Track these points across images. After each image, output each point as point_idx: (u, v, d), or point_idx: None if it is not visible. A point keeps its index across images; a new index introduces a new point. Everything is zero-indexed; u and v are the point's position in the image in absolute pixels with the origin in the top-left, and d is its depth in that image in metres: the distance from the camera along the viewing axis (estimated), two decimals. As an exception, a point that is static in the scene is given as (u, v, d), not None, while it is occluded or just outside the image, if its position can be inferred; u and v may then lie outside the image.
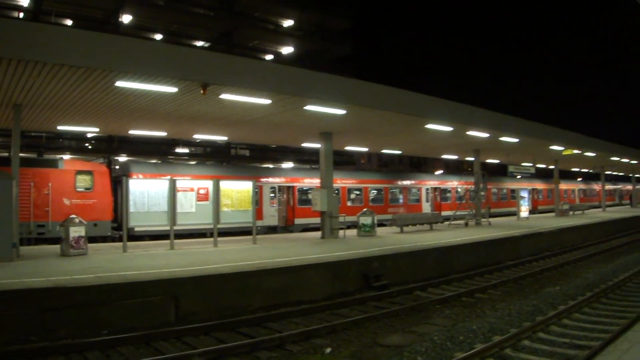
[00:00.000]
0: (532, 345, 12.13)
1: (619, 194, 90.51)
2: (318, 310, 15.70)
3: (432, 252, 22.54)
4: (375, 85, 22.68)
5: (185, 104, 19.51)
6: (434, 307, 16.52)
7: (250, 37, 52.70)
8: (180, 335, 12.87)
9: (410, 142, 34.63)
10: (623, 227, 44.46)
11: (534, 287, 19.93)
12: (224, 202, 23.01)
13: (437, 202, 49.07)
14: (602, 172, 64.35)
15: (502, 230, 31.67)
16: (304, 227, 35.83)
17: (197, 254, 20.03)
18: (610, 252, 30.15)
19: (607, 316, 14.88)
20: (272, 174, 36.68)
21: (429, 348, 11.65)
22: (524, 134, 32.86)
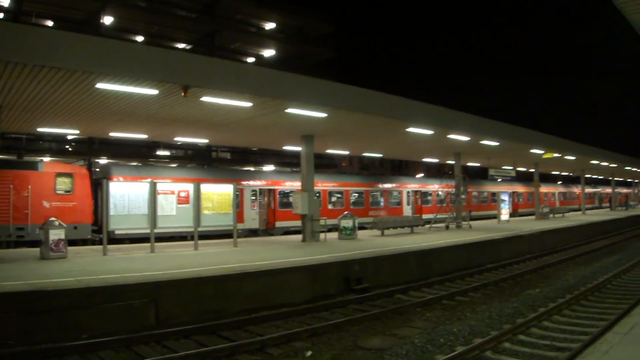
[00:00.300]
0: (512, 348, 12.22)
1: (599, 197, 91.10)
2: (299, 314, 15.69)
3: (413, 255, 22.59)
4: (357, 88, 22.70)
5: (166, 107, 19.46)
6: (415, 310, 16.55)
7: (232, 39, 52.58)
8: (161, 339, 12.81)
9: (391, 145, 34.70)
10: (602, 230, 44.82)
11: (515, 290, 20.02)
12: (205, 205, 22.96)
13: (418, 205, 49.18)
14: (582, 176, 64.77)
15: (482, 233, 31.78)
16: (285, 230, 35.78)
17: (177, 257, 19.95)
18: (590, 255, 30.37)
19: (586, 318, 15.02)
20: (253, 177, 36.58)
21: (410, 351, 11.72)
22: (504, 137, 33.04)
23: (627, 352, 8.68)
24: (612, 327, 11.51)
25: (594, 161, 52.88)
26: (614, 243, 36.42)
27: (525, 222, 45.42)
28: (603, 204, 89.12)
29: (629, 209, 75.83)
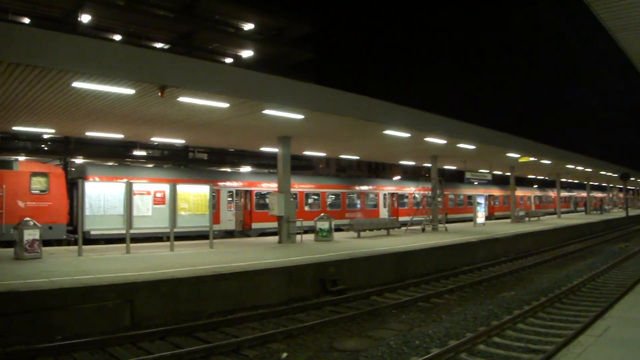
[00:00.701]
0: (487, 350, 12.25)
1: (574, 201, 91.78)
2: (274, 315, 15.65)
3: (389, 257, 22.61)
4: (334, 90, 22.74)
5: (143, 106, 19.39)
6: (391, 312, 16.55)
7: (211, 39, 52.55)
8: (136, 341, 12.73)
9: (368, 147, 34.80)
10: (577, 234, 45.14)
11: (490, 292, 20.09)
12: (181, 205, 22.88)
13: (395, 208, 49.29)
14: (558, 180, 65.25)
15: (458, 235, 31.90)
16: (261, 232, 35.73)
17: (153, 258, 19.86)
18: (564, 258, 30.56)
19: (561, 321, 15.09)
20: (230, 178, 36.47)
21: (385, 353, 11.70)
22: (481, 141, 33.23)
23: (600, 354, 8.75)
24: (585, 329, 11.59)
25: (569, 165, 53.41)
26: (588, 246, 36.66)
27: (501, 225, 45.69)
28: (578, 207, 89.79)
29: (604, 213, 76.43)
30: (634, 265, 26.05)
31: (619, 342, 9.44)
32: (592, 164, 58.90)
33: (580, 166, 55.56)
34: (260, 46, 56.37)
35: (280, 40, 57.57)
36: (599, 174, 67.40)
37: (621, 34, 15.19)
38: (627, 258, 28.56)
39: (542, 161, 46.08)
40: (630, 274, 23.34)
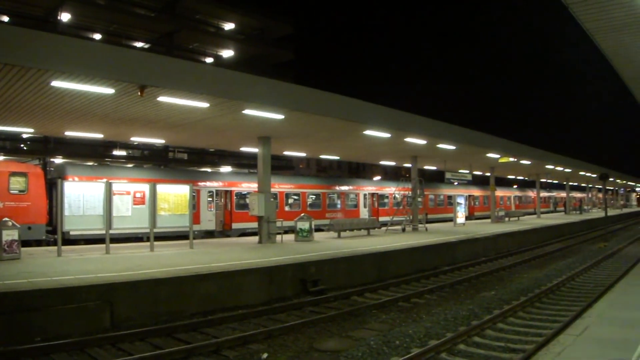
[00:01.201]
0: (467, 349, 12.31)
1: (554, 201, 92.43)
2: (255, 316, 15.63)
3: (370, 257, 22.65)
4: (314, 90, 22.73)
5: (122, 106, 19.29)
6: (371, 312, 16.57)
7: (191, 39, 52.38)
8: (116, 342, 12.66)
9: (348, 147, 34.81)
10: (557, 234, 45.47)
11: (470, 292, 20.15)
12: (161, 206, 22.80)
13: (375, 208, 49.39)
14: (537, 180, 65.61)
15: (438, 235, 32.01)
16: (241, 232, 35.72)
17: (133, 259, 19.78)
18: (544, 258, 30.71)
19: (541, 320, 15.20)
20: (210, 178, 36.43)
21: (366, 353, 11.74)
22: (461, 141, 33.34)
23: (580, 353, 8.83)
24: (565, 328, 11.68)
25: (549, 166, 53.69)
26: (568, 246, 36.88)
27: (481, 225, 45.86)
28: (558, 207, 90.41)
29: (583, 213, 76.94)
30: (613, 265, 26.32)
31: (598, 341, 9.53)
32: (571, 165, 59.25)
33: (560, 166, 55.88)
34: (241, 46, 56.25)
35: (261, 40, 57.50)
36: (578, 174, 67.86)
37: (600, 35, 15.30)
38: (606, 257, 28.84)
39: (521, 161, 46.33)
40: (609, 273, 23.56)
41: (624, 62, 18.22)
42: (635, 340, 9.36)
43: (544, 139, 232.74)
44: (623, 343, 9.25)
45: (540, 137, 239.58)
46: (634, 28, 14.70)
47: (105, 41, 42.29)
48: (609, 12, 13.52)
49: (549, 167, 54.61)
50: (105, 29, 46.02)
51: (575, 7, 13.10)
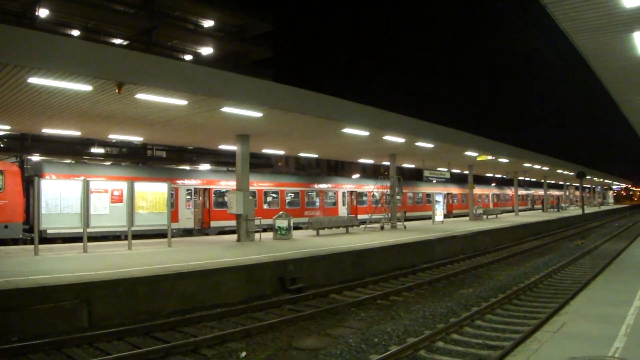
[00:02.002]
0: (445, 347, 12.39)
1: (531, 199, 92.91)
2: (233, 314, 15.62)
3: (348, 255, 22.68)
4: (292, 88, 22.70)
5: (100, 103, 19.16)
6: (350, 310, 16.60)
7: (170, 36, 52.10)
8: (93, 341, 12.60)
9: (327, 145, 34.80)
10: (534, 231, 45.77)
11: (448, 290, 20.24)
12: (139, 204, 22.69)
13: (354, 206, 49.48)
14: (515, 178, 65.94)
15: (417, 233, 32.08)
16: (220, 230, 35.65)
17: (110, 257, 19.69)
18: (521, 255, 30.91)
19: (518, 317, 15.34)
20: (189, 176, 36.32)
21: (344, 351, 11.76)
22: (439, 139, 33.43)
23: (557, 349, 8.90)
24: (542, 325, 11.77)
25: (526, 164, 53.97)
26: (545, 244, 37.13)
27: (459, 223, 46.04)
28: (535, 205, 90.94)
29: (561, 210, 77.44)
30: (590, 262, 26.53)
31: (575, 337, 9.62)
32: (549, 163, 59.64)
33: (538, 165, 56.24)
34: (220, 43, 56.07)
35: (240, 37, 57.28)
36: (556, 172, 68.24)
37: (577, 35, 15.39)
38: (583, 255, 29.08)
39: (500, 160, 46.52)
40: (586, 270, 23.74)
41: (601, 62, 18.34)
42: (611, 336, 9.47)
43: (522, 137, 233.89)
44: (600, 339, 9.35)
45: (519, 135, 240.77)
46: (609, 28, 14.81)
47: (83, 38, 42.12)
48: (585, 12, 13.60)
49: (526, 165, 54.92)
50: (84, 25, 45.71)
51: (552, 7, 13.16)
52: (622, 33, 15.18)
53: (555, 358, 8.43)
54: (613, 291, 14.12)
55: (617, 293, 13.76)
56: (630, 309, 11.55)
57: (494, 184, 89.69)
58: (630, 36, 15.35)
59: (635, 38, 15.46)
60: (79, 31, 45.45)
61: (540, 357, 8.61)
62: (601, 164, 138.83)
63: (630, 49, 16.41)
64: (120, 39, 48.96)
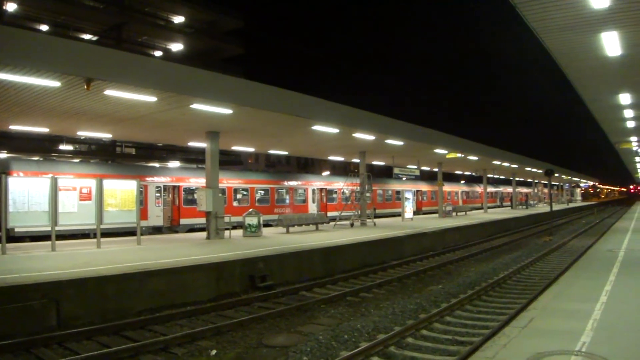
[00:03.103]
0: (415, 343, 12.47)
1: (500, 196, 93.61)
2: (203, 312, 15.60)
3: (318, 252, 22.70)
4: (262, 85, 22.68)
5: (68, 99, 19.00)
6: (320, 307, 16.65)
7: (140, 32, 51.86)
8: (63, 341, 12.51)
9: (297, 143, 34.81)
10: (503, 228, 46.05)
11: (418, 286, 20.34)
12: (108, 201, 22.52)
13: (324, 203, 49.57)
14: (485, 175, 66.33)
15: (386, 230, 32.19)
16: (189, 228, 35.52)
17: (79, 256, 19.54)
18: (490, 252, 31.14)
19: (487, 313, 15.50)
20: (158, 173, 36.13)
21: (314, 348, 11.79)
22: (409, 137, 33.57)
23: (524, 344, 9.00)
24: (511, 321, 11.86)
25: (495, 162, 54.38)
26: (514, 240, 37.38)
27: (429, 220, 46.19)
28: (504, 202, 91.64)
29: (529, 207, 78.02)
30: (558, 258, 26.81)
31: (542, 333, 9.73)
32: (517, 160, 60.14)
33: (506, 162, 56.68)
34: (190, 40, 55.90)
35: (210, 34, 57.09)
36: (525, 170, 68.82)
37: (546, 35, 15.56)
38: (551, 251, 29.36)
39: (469, 157, 46.87)
40: (554, 266, 23.99)
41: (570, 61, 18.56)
42: (579, 331, 9.59)
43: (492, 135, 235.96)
44: (567, 334, 9.46)
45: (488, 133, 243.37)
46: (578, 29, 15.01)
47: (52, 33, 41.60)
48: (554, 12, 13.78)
49: (495, 162, 55.34)
50: (53, 20, 45.30)
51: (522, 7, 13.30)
52: (590, 33, 15.40)
53: (523, 353, 8.51)
54: (580, 287, 14.28)
55: (584, 289, 13.91)
56: (596, 304, 11.69)
57: (463, 181, 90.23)
58: (598, 36, 15.57)
59: (603, 38, 15.69)
60: (47, 26, 45.01)
61: (508, 352, 8.70)
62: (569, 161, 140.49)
63: (598, 48, 16.63)
64: (89, 35, 48.61)
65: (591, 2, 12.87)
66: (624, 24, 14.61)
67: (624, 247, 23.13)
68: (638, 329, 9.83)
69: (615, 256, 20.15)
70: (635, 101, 24.73)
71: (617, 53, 16.92)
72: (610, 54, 17.05)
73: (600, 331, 9.59)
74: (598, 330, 9.62)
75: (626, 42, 16.06)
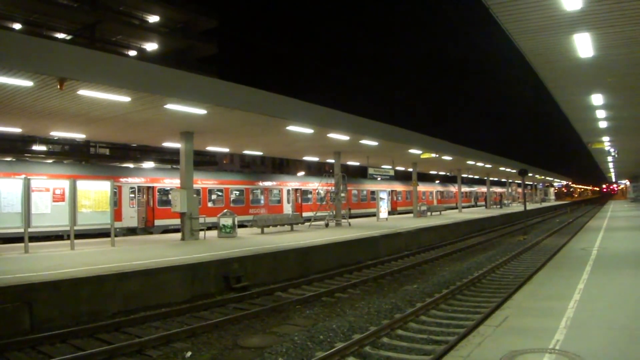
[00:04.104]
0: (391, 342, 12.50)
1: (475, 196, 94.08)
2: (178, 314, 15.55)
3: (293, 252, 22.69)
4: (237, 85, 22.65)
5: (42, 99, 18.84)
6: (295, 308, 16.65)
7: (114, 31, 51.56)
8: (36, 344, 12.41)
9: (272, 143, 34.77)
10: (477, 228, 46.32)
11: (393, 286, 20.38)
12: (82, 202, 22.37)
13: (298, 204, 49.57)
14: (459, 175, 66.61)
15: (361, 230, 32.24)
16: (164, 229, 35.37)
17: (53, 258, 19.40)
18: (465, 251, 31.26)
19: (462, 312, 15.56)
20: (132, 174, 35.94)
21: (290, 348, 11.79)
22: (383, 137, 33.64)
23: (499, 343, 9.06)
24: (485, 320, 11.92)
25: (470, 162, 54.63)
26: (488, 240, 37.54)
27: (404, 219, 46.32)
28: (479, 202, 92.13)
29: (503, 207, 78.47)
30: (532, 257, 26.98)
31: (517, 331, 9.80)
32: (491, 160, 60.45)
33: (481, 162, 56.96)
34: (165, 39, 55.69)
35: (185, 33, 56.90)
36: (499, 169, 69.22)
37: (520, 36, 15.67)
38: (525, 250, 29.52)
39: (443, 157, 47.05)
40: (528, 265, 24.12)
41: (543, 62, 18.70)
42: (552, 329, 9.68)
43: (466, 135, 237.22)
44: (541, 332, 9.54)
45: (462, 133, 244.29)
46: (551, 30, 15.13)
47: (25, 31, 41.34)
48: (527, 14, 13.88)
49: (470, 162, 55.61)
50: (26, 18, 44.94)
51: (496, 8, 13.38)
52: (563, 35, 15.53)
53: (497, 351, 8.57)
54: (554, 285, 14.38)
55: (557, 287, 14.02)
56: (570, 302, 11.79)
57: (437, 181, 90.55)
58: (570, 38, 15.70)
59: (576, 40, 15.82)
60: (20, 24, 44.64)
61: (483, 351, 8.75)
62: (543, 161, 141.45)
63: (571, 50, 16.77)
64: (63, 34, 48.23)
65: (564, 5, 12.98)
66: (596, 26, 14.76)
67: (597, 246, 23.31)
68: (610, 326, 9.93)
69: (589, 254, 20.31)
70: (607, 102, 24.98)
71: (590, 54, 17.08)
72: (582, 56, 17.20)
73: (574, 329, 9.68)
74: (571, 328, 9.71)
75: (598, 44, 16.22)
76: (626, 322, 10.24)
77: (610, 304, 11.74)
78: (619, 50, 16.86)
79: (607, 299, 12.36)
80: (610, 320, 10.32)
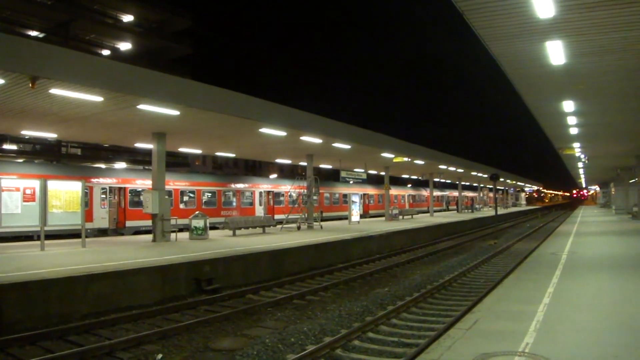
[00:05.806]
0: (362, 345, 12.53)
1: (447, 200, 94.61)
2: (149, 316, 15.48)
3: (265, 255, 22.69)
4: (210, 86, 22.62)
5: (13, 98, 18.69)
6: (266, 310, 16.63)
7: (88, 30, 51.14)
8: (4, 347, 12.27)
9: (245, 145, 34.71)
10: (449, 231, 46.56)
11: (364, 289, 20.44)
12: (53, 203, 22.20)
13: (271, 206, 49.58)
14: (431, 179, 66.94)
15: (333, 233, 32.29)
16: (135, 230, 35.23)
17: (22, 258, 19.23)
18: (436, 255, 31.40)
19: (433, 315, 15.64)
20: (104, 175, 35.75)
21: (261, 351, 11.79)
22: (356, 140, 33.75)
23: (468, 346, 9.14)
24: (456, 323, 12.01)
25: (442, 166, 55.00)
26: (459, 244, 37.72)
27: (376, 223, 46.51)
28: (450, 206, 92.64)
29: (475, 211, 78.98)
30: (503, 261, 27.22)
31: (486, 334, 9.89)
32: (463, 165, 60.86)
33: (452, 167, 57.36)
34: (139, 39, 55.35)
35: (159, 33, 56.64)
36: (470, 174, 69.68)
37: (492, 42, 15.79)
38: (495, 254, 29.75)
39: (415, 161, 47.29)
40: (498, 269, 24.33)
41: (515, 68, 18.86)
42: (522, 332, 9.79)
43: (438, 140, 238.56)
44: (511, 335, 9.64)
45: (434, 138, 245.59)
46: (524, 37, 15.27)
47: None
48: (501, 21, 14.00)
49: (442, 167, 56.01)
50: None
51: (469, 14, 13.47)
52: (536, 42, 15.68)
53: (467, 354, 8.64)
54: (524, 289, 14.52)
55: (527, 291, 14.16)
56: (539, 305, 11.92)
57: (409, 185, 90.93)
58: (543, 45, 15.86)
59: (548, 47, 15.98)
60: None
61: (453, 353, 8.82)
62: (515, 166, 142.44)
63: (543, 57, 16.93)
64: (36, 31, 47.79)
65: (537, 12, 13.11)
66: (568, 34, 14.93)
67: (567, 250, 23.57)
68: (579, 329, 10.09)
69: (558, 259, 20.53)
70: (578, 108, 25.24)
71: (561, 62, 17.26)
72: (554, 63, 17.38)
73: (543, 332, 9.79)
74: (541, 331, 9.83)
75: (570, 52, 16.39)
76: (594, 325, 10.42)
77: (579, 307, 11.90)
78: (589, 58, 17.07)
79: (577, 302, 12.54)
80: (579, 323, 10.48)
